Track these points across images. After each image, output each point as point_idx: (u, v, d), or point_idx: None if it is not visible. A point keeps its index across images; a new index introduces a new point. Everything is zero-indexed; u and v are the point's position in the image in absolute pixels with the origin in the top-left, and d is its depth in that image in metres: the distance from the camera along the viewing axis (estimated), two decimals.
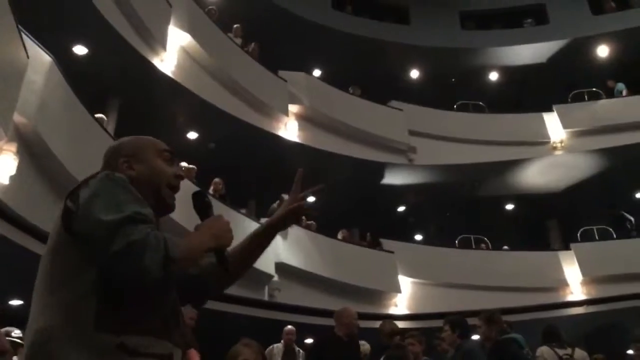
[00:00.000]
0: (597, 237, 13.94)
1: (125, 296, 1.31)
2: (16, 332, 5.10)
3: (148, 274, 1.26)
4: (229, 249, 1.64)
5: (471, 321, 4.87)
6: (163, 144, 1.68)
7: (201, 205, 1.59)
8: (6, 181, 5.89)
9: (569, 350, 5.04)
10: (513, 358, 4.50)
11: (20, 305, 7.25)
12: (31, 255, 5.99)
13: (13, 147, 5.96)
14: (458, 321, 4.76)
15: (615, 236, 13.74)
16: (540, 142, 13.89)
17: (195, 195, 1.61)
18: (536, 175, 14.08)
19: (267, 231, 1.80)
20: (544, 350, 5.08)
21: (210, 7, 12.14)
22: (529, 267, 12.37)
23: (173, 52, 10.18)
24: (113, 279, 1.30)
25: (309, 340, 8.71)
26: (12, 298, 7.29)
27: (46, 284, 1.37)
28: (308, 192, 1.85)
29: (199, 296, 1.75)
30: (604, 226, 14.16)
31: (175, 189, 1.62)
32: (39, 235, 6.14)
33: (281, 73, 12.51)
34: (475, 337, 5.21)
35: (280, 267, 10.17)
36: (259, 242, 1.80)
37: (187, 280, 1.59)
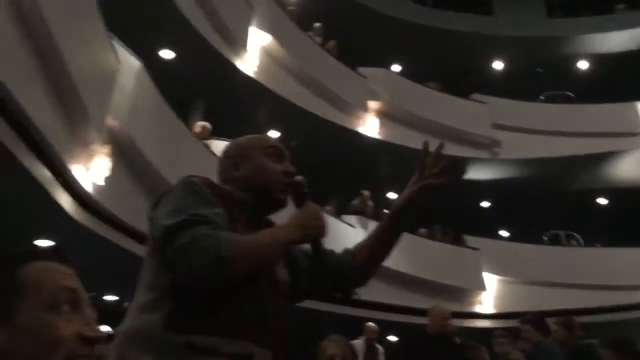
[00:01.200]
0: None
1: (195, 297, 1.31)
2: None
3: (196, 276, 1.27)
4: (364, 241, 1.67)
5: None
6: (270, 140, 1.67)
7: (296, 195, 1.54)
8: (101, 182, 6.17)
9: None
10: None
11: (115, 300, 7.61)
12: (125, 253, 6.29)
13: (107, 149, 6.24)
14: (541, 320, 4.64)
15: None
16: (634, 133, 13.19)
17: (292, 184, 1.56)
18: (631, 168, 13.37)
19: (396, 216, 1.66)
20: None
21: (290, 7, 12.27)
22: (624, 264, 11.78)
23: (254, 52, 10.37)
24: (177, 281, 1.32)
25: (392, 338, 8.67)
26: (107, 294, 7.66)
27: (138, 288, 1.42)
28: (445, 165, 1.62)
29: (342, 288, 1.72)
30: None
31: (288, 185, 1.57)
32: (133, 234, 6.42)
33: (361, 69, 12.49)
34: None
35: None
36: (389, 230, 1.68)
37: (325, 273, 1.57)
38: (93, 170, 6.08)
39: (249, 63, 10.16)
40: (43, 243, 6.26)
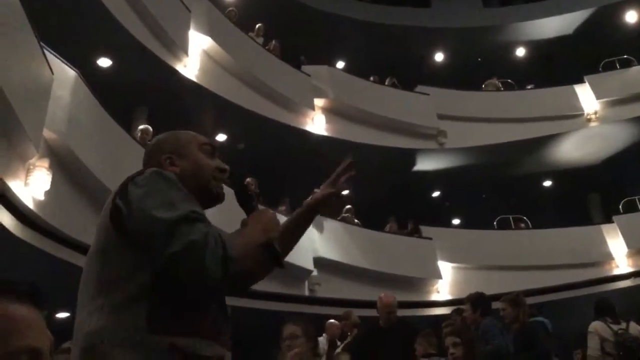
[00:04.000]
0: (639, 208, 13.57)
1: (176, 297, 1.29)
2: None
3: (209, 275, 1.25)
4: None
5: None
6: (203, 137, 1.67)
7: (245, 199, 1.55)
8: (41, 196, 5.97)
9: (623, 325, 4.79)
10: (538, 344, 4.36)
11: (67, 317, 7.37)
12: (72, 268, 6.08)
13: (45, 162, 6.03)
14: (479, 300, 4.68)
15: None
16: (574, 115, 13.58)
17: (238, 190, 1.57)
18: (572, 149, 13.78)
19: (307, 214, 1.80)
20: (597, 326, 4.70)
21: (229, 8, 12.15)
22: (572, 244, 12.11)
23: (196, 56, 10.22)
24: (172, 280, 1.28)
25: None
26: (58, 311, 7.41)
27: (96, 285, 1.34)
28: (344, 181, 1.78)
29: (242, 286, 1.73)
30: None
31: (220, 181, 1.61)
32: (78, 247, 6.22)
33: (304, 68, 12.49)
34: None
35: (319, 262, 10.14)
36: (298, 224, 1.80)
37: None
38: (32, 185, 5.88)
39: (190, 67, 10.00)
40: None
